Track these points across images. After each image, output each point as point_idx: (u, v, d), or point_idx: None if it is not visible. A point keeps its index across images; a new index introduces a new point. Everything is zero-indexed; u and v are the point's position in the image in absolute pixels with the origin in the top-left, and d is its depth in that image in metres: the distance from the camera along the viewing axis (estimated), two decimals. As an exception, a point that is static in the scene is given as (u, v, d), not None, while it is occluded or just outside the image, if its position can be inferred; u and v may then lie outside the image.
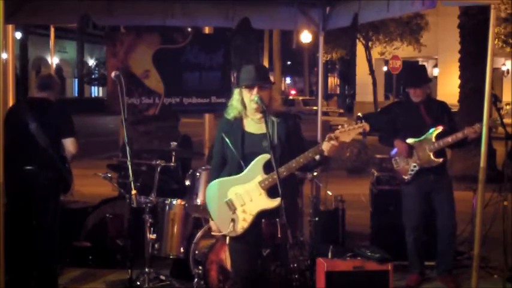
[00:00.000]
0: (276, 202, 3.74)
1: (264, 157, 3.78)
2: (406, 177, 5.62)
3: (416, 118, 5.60)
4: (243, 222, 3.83)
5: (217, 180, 3.95)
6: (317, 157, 3.74)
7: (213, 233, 4.11)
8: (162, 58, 7.12)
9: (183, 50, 7.24)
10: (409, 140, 5.57)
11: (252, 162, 3.81)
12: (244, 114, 3.93)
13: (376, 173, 6.46)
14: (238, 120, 3.93)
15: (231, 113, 3.93)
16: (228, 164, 3.95)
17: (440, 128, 5.50)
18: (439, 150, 5.52)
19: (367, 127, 3.67)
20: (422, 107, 5.62)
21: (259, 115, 3.87)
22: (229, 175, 3.91)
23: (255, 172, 3.80)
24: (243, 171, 3.84)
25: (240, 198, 3.83)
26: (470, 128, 5.31)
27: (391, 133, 5.77)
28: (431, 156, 5.51)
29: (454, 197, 5.68)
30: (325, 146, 3.68)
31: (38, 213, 5.06)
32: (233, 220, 3.82)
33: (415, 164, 5.56)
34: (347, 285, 5.00)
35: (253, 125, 3.92)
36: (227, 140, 3.90)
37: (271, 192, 3.77)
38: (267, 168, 3.77)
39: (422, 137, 5.53)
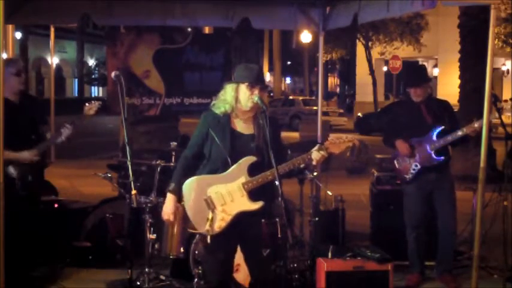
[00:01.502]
0: (257, 205, 3.75)
1: (249, 159, 3.76)
2: (407, 176, 5.61)
3: (417, 118, 5.59)
4: (221, 222, 3.78)
5: (196, 177, 3.86)
6: (302, 165, 3.77)
7: (189, 230, 4.01)
8: (162, 58, 7.14)
9: (183, 50, 7.26)
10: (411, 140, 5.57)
11: (237, 163, 3.76)
12: (233, 111, 3.86)
13: (376, 173, 6.45)
14: (226, 117, 3.85)
15: (221, 107, 3.85)
16: (211, 161, 3.86)
17: (442, 127, 5.50)
18: (441, 148, 5.52)
19: (356, 142, 3.71)
20: (423, 107, 5.61)
21: (248, 115, 3.85)
22: (212, 172, 3.83)
23: (239, 173, 3.76)
24: (228, 169, 3.78)
25: (220, 197, 3.78)
26: (470, 126, 5.32)
27: (392, 134, 5.76)
28: (433, 155, 5.51)
29: (455, 197, 5.67)
30: (315, 155, 3.73)
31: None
32: (212, 219, 3.76)
33: (416, 164, 5.55)
34: (347, 285, 5.00)
35: (241, 124, 3.87)
36: (214, 135, 3.81)
37: (253, 195, 3.75)
38: (251, 170, 3.75)
39: (423, 136, 5.53)
